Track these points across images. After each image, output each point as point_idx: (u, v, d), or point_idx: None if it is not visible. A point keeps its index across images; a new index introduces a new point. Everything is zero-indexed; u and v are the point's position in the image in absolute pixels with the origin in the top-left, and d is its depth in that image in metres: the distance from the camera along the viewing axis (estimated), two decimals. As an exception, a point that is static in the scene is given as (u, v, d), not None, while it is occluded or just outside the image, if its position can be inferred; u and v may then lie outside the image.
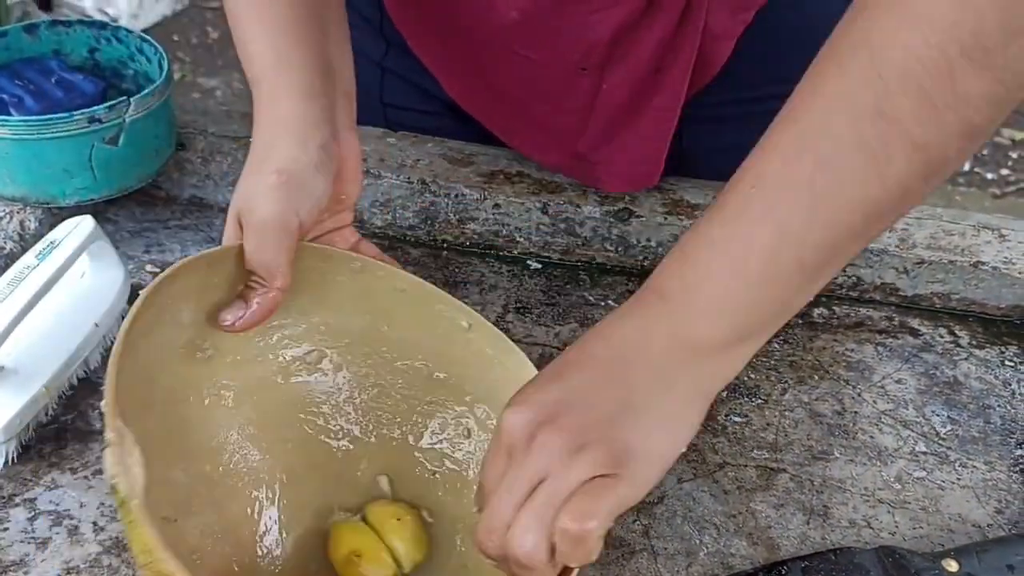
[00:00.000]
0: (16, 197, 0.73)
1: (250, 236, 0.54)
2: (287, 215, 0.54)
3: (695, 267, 0.46)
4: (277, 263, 0.54)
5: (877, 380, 0.72)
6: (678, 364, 0.46)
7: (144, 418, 0.51)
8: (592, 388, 0.45)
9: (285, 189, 0.54)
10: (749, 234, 0.45)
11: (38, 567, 0.56)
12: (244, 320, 0.55)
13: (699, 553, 0.59)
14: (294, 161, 0.55)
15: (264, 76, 0.58)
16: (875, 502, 0.63)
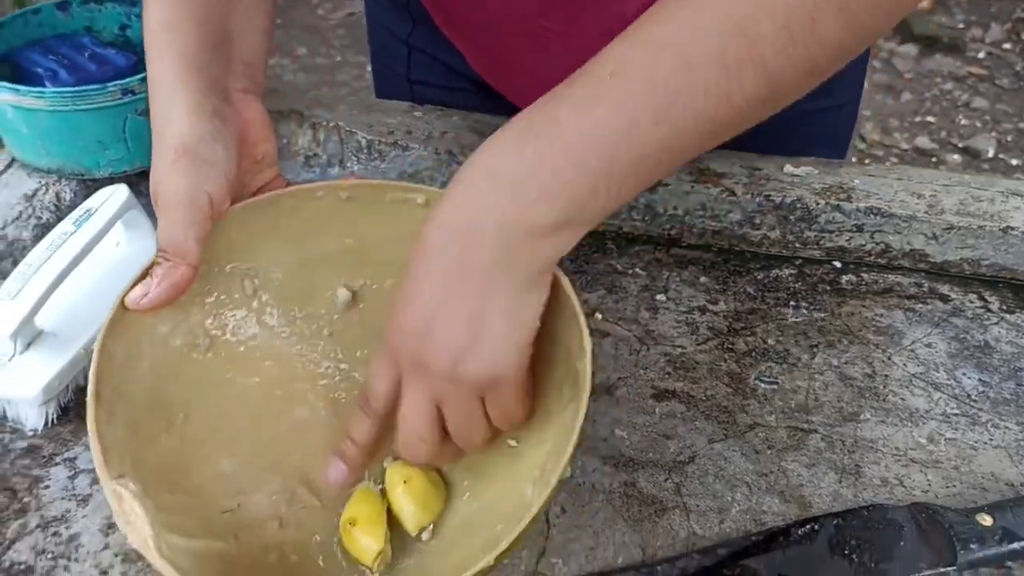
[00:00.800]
0: (51, 169, 0.74)
1: (160, 215, 0.53)
2: (193, 189, 0.53)
3: (536, 147, 0.46)
4: (185, 238, 0.52)
5: (907, 344, 0.72)
6: (513, 251, 0.47)
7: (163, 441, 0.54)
8: (443, 304, 0.47)
9: (186, 163, 0.53)
10: (596, 124, 0.45)
11: (79, 522, 0.57)
12: (151, 298, 0.52)
13: (731, 510, 0.60)
14: (189, 134, 0.54)
15: (153, 44, 0.57)
16: (907, 461, 0.63)
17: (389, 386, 0.52)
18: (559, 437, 0.53)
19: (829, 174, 0.80)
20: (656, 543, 0.57)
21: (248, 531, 0.54)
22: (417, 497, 0.56)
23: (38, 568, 0.54)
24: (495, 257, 0.47)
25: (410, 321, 0.49)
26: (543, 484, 0.49)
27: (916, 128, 3.01)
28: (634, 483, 0.61)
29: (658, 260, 0.80)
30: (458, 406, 0.50)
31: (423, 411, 0.51)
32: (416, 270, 0.49)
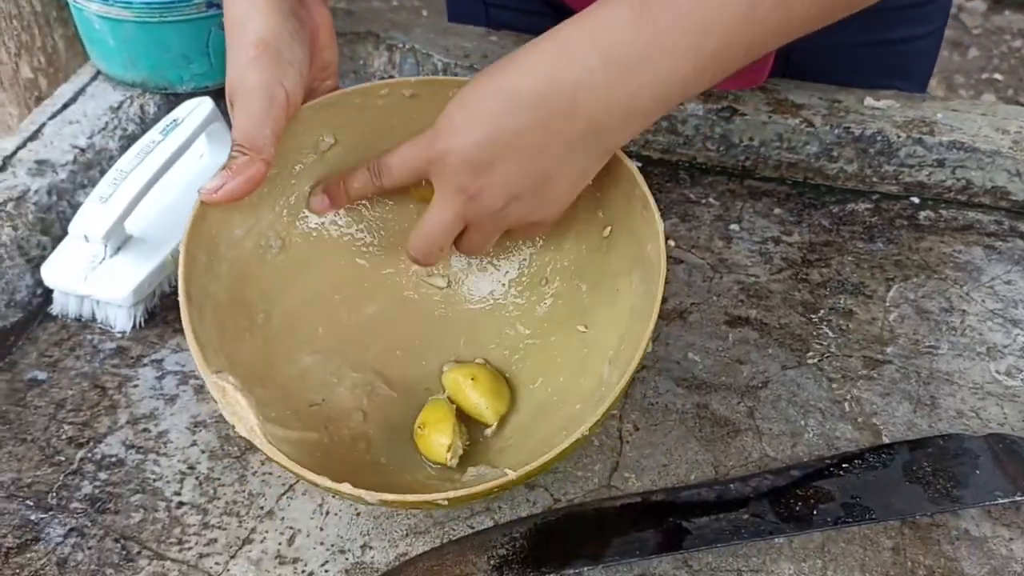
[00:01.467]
0: (136, 82, 0.75)
1: (237, 110, 0.53)
2: (271, 85, 0.53)
3: (654, 30, 0.45)
4: (261, 133, 0.52)
5: (986, 281, 0.71)
6: (605, 129, 0.48)
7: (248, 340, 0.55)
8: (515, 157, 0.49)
9: (265, 59, 0.53)
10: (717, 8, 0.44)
11: (167, 420, 0.59)
12: (227, 189, 0.52)
13: (804, 435, 0.60)
14: (268, 31, 0.54)
15: None
16: (984, 395, 0.63)
17: (408, 176, 0.54)
18: (632, 321, 0.54)
19: (911, 107, 0.79)
20: (728, 463, 0.58)
21: (336, 423, 0.56)
22: (488, 389, 0.58)
23: (128, 461, 0.57)
24: (585, 132, 0.48)
25: (472, 150, 0.49)
26: (622, 363, 0.50)
27: (982, 85, 2.92)
28: (707, 405, 0.61)
29: (732, 191, 0.79)
30: (484, 233, 0.54)
31: (450, 226, 0.53)
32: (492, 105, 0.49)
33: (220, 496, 0.55)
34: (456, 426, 0.56)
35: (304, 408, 0.55)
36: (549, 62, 0.47)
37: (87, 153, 0.71)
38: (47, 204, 0.67)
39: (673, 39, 0.45)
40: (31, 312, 0.64)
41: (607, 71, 0.46)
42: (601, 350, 0.56)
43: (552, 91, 0.47)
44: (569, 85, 0.47)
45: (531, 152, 0.48)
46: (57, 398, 0.60)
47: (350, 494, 0.45)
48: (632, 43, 0.45)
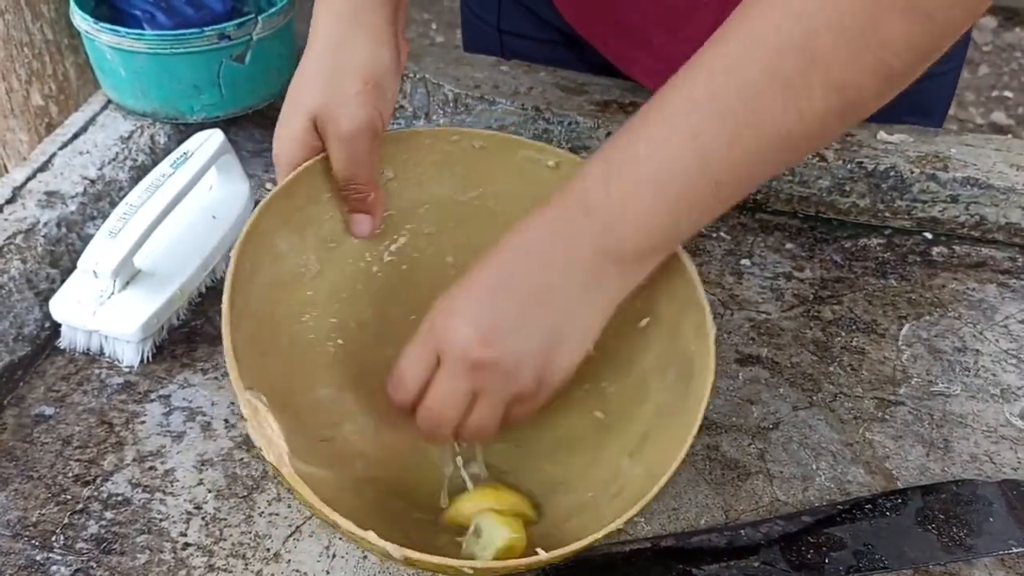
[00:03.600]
0: (147, 112, 0.75)
1: (340, 147, 0.54)
2: (375, 121, 0.54)
3: (620, 183, 0.47)
4: (372, 171, 0.55)
5: (1000, 320, 0.70)
6: (601, 276, 0.49)
7: (273, 360, 0.54)
8: (523, 317, 0.48)
9: (371, 94, 0.54)
10: (673, 158, 0.46)
11: (174, 458, 0.58)
12: (376, 224, 0.58)
13: (815, 478, 0.59)
14: (378, 64, 0.55)
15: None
16: (997, 438, 0.62)
17: (418, 376, 0.51)
18: (659, 419, 0.53)
19: (924, 142, 0.78)
20: (739, 507, 0.57)
21: (341, 462, 0.55)
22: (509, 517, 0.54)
23: (134, 500, 0.56)
24: (586, 282, 0.48)
25: (477, 316, 0.49)
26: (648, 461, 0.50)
27: (992, 103, 2.91)
28: (717, 447, 0.61)
29: (743, 224, 0.79)
30: (493, 404, 0.50)
31: (458, 401, 0.50)
32: (490, 274, 0.49)
33: (226, 537, 0.54)
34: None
35: (315, 442, 0.55)
36: (540, 227, 0.49)
37: (97, 184, 0.71)
38: (56, 236, 0.67)
39: (638, 189, 0.46)
40: (39, 346, 0.64)
41: (592, 223, 0.47)
42: (620, 442, 0.54)
43: (547, 251, 0.49)
44: (561, 242, 0.48)
45: (535, 312, 0.48)
46: (64, 434, 0.60)
47: (374, 544, 0.43)
48: (605, 195, 0.47)
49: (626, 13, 0.75)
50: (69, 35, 0.80)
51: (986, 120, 2.83)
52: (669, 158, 0.46)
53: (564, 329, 0.49)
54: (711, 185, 0.46)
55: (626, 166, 0.47)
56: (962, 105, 2.88)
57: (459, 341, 0.48)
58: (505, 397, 0.50)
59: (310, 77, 0.56)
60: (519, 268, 0.49)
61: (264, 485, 0.57)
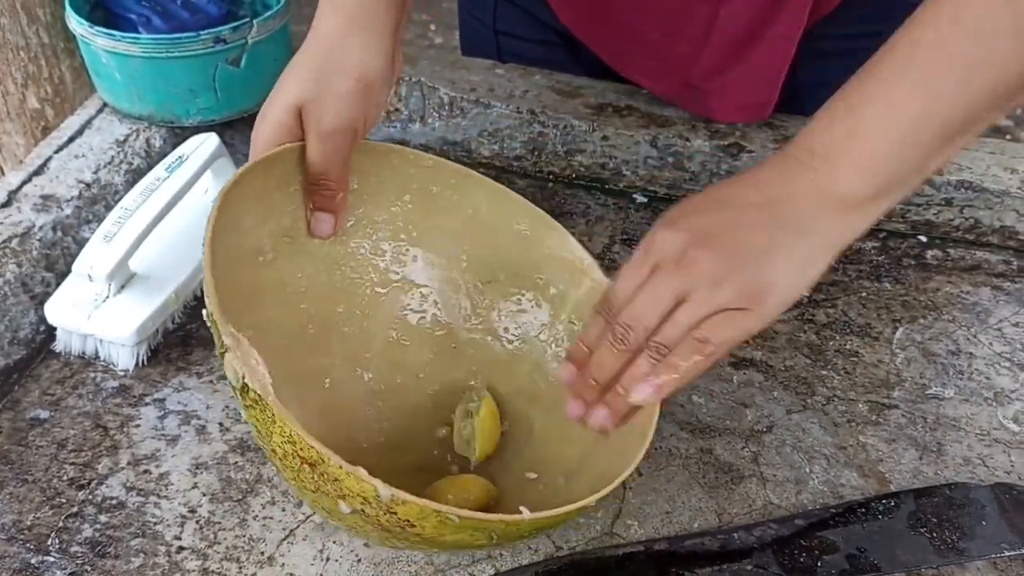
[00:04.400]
0: (143, 116, 0.75)
1: (318, 142, 0.55)
2: (357, 123, 0.55)
3: (844, 126, 0.48)
4: (343, 167, 0.56)
5: (993, 323, 0.71)
6: (819, 215, 0.49)
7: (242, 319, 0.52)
8: (740, 226, 0.48)
9: (360, 96, 0.55)
10: (901, 100, 0.47)
11: (168, 461, 0.59)
12: (337, 225, 0.59)
13: (808, 482, 0.59)
14: (373, 70, 0.55)
15: None
16: (991, 441, 0.62)
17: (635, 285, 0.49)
18: None
19: (919, 146, 0.78)
20: (732, 510, 0.57)
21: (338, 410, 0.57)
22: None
23: (129, 504, 0.56)
24: (805, 213, 0.49)
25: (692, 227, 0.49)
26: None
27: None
28: (711, 450, 0.61)
29: (738, 228, 0.79)
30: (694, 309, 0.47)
31: (661, 301, 0.48)
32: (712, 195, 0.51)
33: (221, 541, 0.55)
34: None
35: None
36: (767, 164, 0.50)
37: (92, 188, 0.71)
38: (52, 240, 0.67)
39: (861, 130, 0.47)
40: (34, 349, 0.64)
41: (814, 160, 0.48)
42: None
43: (771, 179, 0.50)
44: (785, 174, 0.49)
45: (752, 225, 0.49)
46: (59, 438, 0.60)
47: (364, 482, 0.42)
48: (830, 137, 0.48)
49: (623, 13, 0.75)
50: (65, 39, 0.80)
51: (984, 121, 2.83)
52: (896, 100, 0.47)
53: (779, 252, 0.48)
54: (939, 128, 0.47)
55: (853, 111, 0.48)
56: (960, 106, 2.88)
57: (674, 243, 0.49)
58: (710, 305, 0.48)
59: (303, 68, 0.56)
60: (741, 192, 0.50)
61: (258, 489, 0.57)
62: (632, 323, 0.49)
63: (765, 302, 0.48)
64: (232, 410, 0.62)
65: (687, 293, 0.48)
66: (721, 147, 0.78)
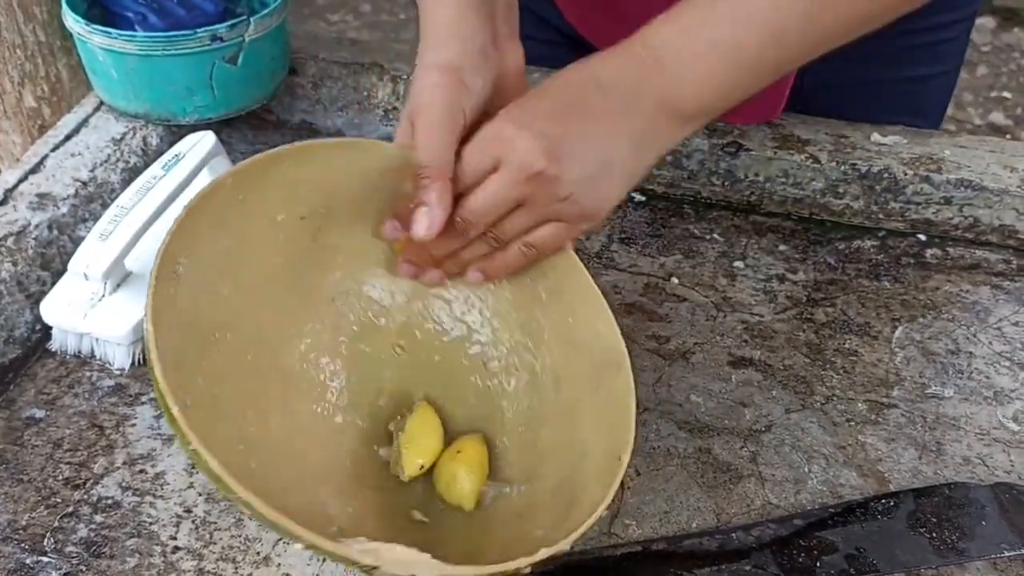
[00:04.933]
0: (139, 114, 0.75)
1: (422, 128, 0.54)
2: (455, 108, 0.54)
3: (694, 45, 0.51)
4: (448, 155, 0.54)
5: (993, 322, 0.70)
6: (658, 127, 0.52)
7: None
8: (586, 137, 0.51)
9: (448, 84, 0.55)
10: (747, 31, 0.50)
11: (164, 461, 0.58)
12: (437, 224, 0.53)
13: (807, 481, 0.59)
14: (455, 59, 0.56)
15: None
16: (990, 441, 0.62)
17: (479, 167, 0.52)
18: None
19: (918, 144, 0.78)
20: (731, 510, 0.57)
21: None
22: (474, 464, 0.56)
23: (124, 503, 0.56)
24: (643, 127, 0.52)
25: (540, 134, 0.50)
26: None
27: (991, 103, 2.91)
28: (709, 449, 0.61)
29: (736, 227, 0.79)
30: (533, 215, 0.53)
31: (503, 205, 0.53)
32: (559, 95, 0.52)
33: (216, 541, 0.54)
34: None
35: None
36: (615, 61, 0.52)
37: (88, 186, 0.70)
38: (47, 239, 0.67)
39: (710, 52, 0.50)
40: (30, 348, 0.64)
41: (660, 73, 0.51)
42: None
43: (617, 85, 0.51)
44: (631, 82, 0.51)
45: (596, 139, 0.51)
46: (54, 437, 0.59)
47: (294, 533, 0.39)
48: (679, 53, 0.51)
49: (630, 8, 0.75)
50: (61, 37, 0.80)
51: (984, 121, 2.82)
52: (743, 30, 0.49)
53: (616, 164, 0.52)
54: (777, 59, 0.51)
55: (704, 30, 0.50)
56: (960, 106, 2.88)
57: (524, 151, 0.50)
58: (547, 213, 0.53)
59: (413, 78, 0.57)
60: (588, 96, 0.52)
61: (255, 488, 0.57)
62: (475, 219, 0.53)
63: (598, 217, 0.54)
64: (228, 409, 0.61)
65: (528, 200, 0.52)
66: (720, 146, 0.78)
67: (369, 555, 0.41)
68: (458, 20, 0.57)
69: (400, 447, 0.56)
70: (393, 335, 0.60)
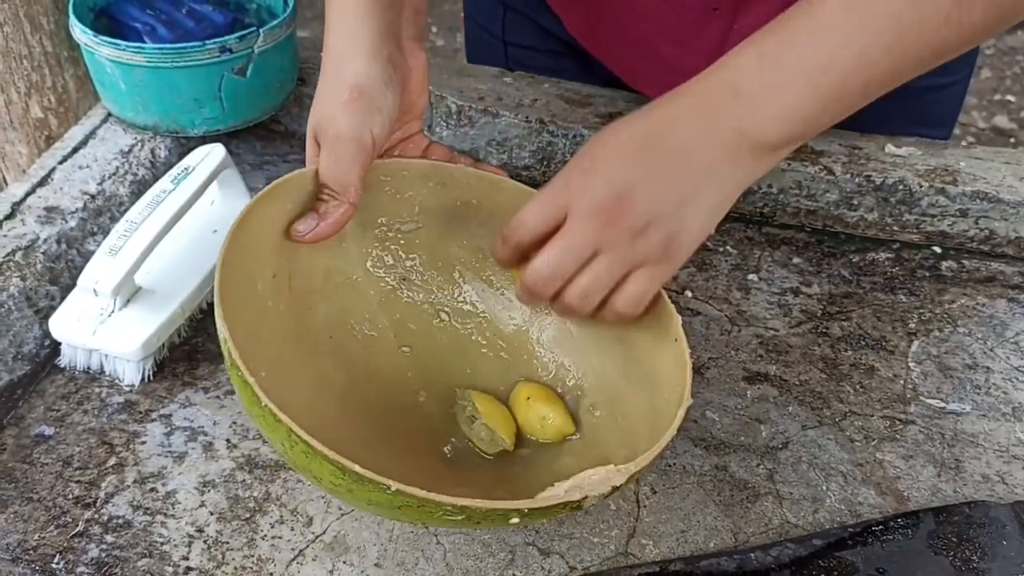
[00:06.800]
0: (148, 126, 0.74)
1: (325, 152, 0.55)
2: (361, 131, 0.54)
3: (773, 72, 0.48)
4: (350, 178, 0.54)
5: (1010, 336, 0.70)
6: (736, 159, 0.49)
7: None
8: (660, 176, 0.49)
9: (358, 105, 0.54)
10: (831, 55, 0.47)
11: (175, 479, 0.58)
12: (316, 231, 0.55)
13: (825, 500, 0.58)
14: (365, 76, 0.55)
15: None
16: (1009, 458, 0.61)
17: (541, 222, 0.51)
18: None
19: (933, 155, 0.77)
20: (748, 529, 0.57)
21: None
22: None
23: (135, 523, 0.55)
24: (722, 159, 0.49)
25: (615, 173, 0.49)
26: None
27: (995, 107, 2.90)
28: (725, 467, 0.60)
29: (749, 238, 0.78)
30: (612, 264, 0.50)
31: (578, 251, 0.50)
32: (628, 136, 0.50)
33: (228, 561, 0.54)
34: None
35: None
36: (687, 99, 0.50)
37: (97, 199, 0.70)
38: (56, 253, 0.66)
39: (790, 79, 0.48)
40: (39, 364, 0.64)
41: (739, 103, 0.49)
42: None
43: (691, 121, 0.50)
44: (706, 115, 0.49)
45: (671, 175, 0.49)
46: (64, 455, 0.59)
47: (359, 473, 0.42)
48: (758, 81, 0.48)
49: (634, 25, 0.74)
50: (69, 47, 0.79)
51: (988, 124, 2.82)
52: (827, 54, 0.47)
53: (696, 202, 0.50)
54: (862, 83, 0.48)
55: (783, 56, 0.48)
56: (964, 109, 2.87)
57: (593, 195, 0.49)
58: (627, 259, 0.50)
59: (317, 92, 0.57)
60: (662, 133, 0.50)
61: (267, 507, 0.56)
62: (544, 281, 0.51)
63: (679, 254, 0.51)
64: (239, 426, 0.61)
65: (604, 247, 0.50)
66: (733, 157, 0.77)
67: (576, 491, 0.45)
68: (365, 31, 0.56)
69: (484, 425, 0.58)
70: (392, 343, 0.62)
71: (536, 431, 0.58)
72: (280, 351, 0.54)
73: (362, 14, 0.56)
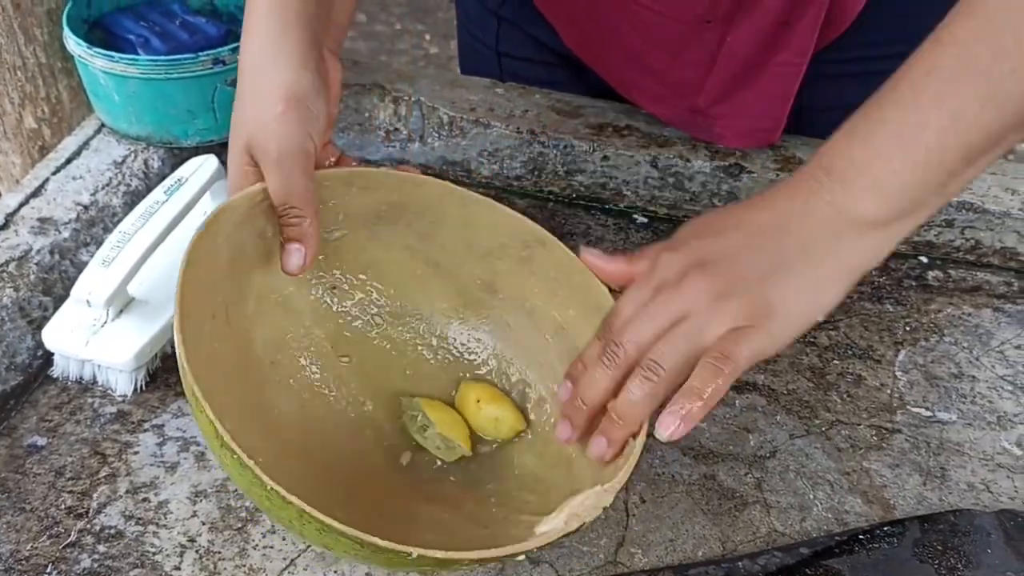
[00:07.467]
0: (141, 137, 0.75)
1: (273, 171, 0.53)
2: (304, 141, 0.53)
3: (864, 146, 0.47)
4: (308, 192, 0.53)
5: (995, 345, 0.70)
6: (833, 238, 0.48)
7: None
8: (746, 247, 0.48)
9: (296, 114, 0.53)
10: (922, 119, 0.46)
11: (167, 489, 0.58)
12: (306, 258, 0.54)
13: (813, 508, 0.59)
14: (298, 85, 0.54)
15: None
16: (994, 466, 0.62)
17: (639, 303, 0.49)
18: None
19: (919, 167, 0.78)
20: (736, 538, 0.57)
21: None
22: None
23: (127, 533, 0.56)
24: (819, 235, 0.48)
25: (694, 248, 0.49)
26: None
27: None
28: (714, 476, 0.61)
29: (738, 248, 0.79)
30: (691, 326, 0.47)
31: (656, 315, 0.47)
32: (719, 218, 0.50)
33: (220, 571, 0.54)
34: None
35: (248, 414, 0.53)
36: (783, 185, 0.50)
37: (90, 210, 0.70)
38: (49, 264, 0.66)
39: (882, 150, 0.47)
40: (31, 375, 0.64)
41: (831, 179, 0.48)
42: None
43: (785, 200, 0.49)
44: (801, 196, 0.49)
45: (758, 247, 0.48)
46: (56, 465, 0.59)
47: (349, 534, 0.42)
48: (848, 156, 0.48)
49: (628, 38, 0.75)
50: (62, 58, 0.80)
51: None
52: (916, 121, 0.46)
53: (785, 276, 0.47)
54: (961, 149, 0.46)
55: (871, 131, 0.47)
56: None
57: (674, 265, 0.48)
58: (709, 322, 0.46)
59: (239, 106, 0.55)
60: (751, 214, 0.49)
61: (259, 517, 0.57)
62: (624, 340, 0.48)
63: (771, 319, 0.47)
64: (232, 436, 0.61)
65: (686, 312, 0.47)
66: (722, 167, 0.78)
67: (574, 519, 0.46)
68: (293, 42, 0.55)
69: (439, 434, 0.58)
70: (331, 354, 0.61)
71: (490, 432, 0.60)
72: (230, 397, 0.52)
73: (288, 26, 0.55)
